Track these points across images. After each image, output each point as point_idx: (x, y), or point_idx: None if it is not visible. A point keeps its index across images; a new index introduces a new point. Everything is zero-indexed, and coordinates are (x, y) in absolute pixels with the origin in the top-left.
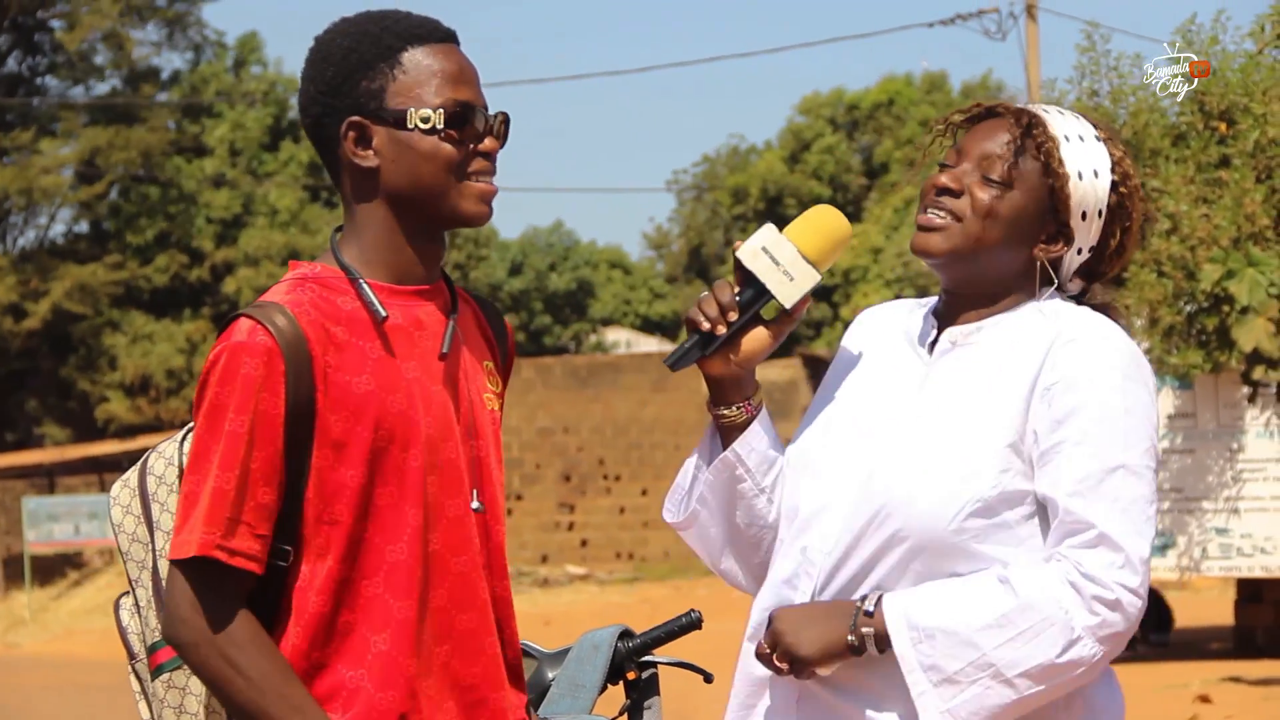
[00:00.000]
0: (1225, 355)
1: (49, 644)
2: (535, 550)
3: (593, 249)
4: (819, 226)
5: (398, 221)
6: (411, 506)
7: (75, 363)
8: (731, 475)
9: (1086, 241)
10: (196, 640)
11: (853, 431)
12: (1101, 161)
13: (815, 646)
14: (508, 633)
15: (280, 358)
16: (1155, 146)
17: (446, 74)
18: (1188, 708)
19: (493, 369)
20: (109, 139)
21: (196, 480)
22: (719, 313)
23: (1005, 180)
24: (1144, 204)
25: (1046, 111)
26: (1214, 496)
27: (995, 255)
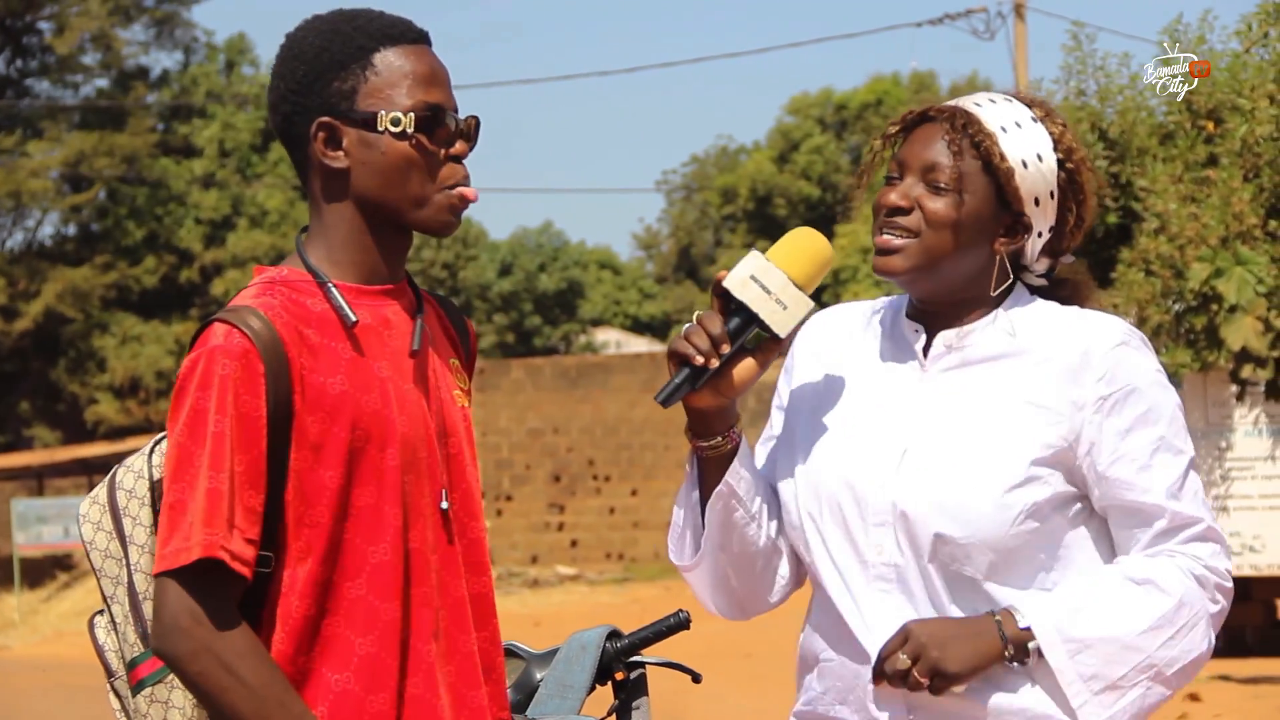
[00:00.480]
0: (1213, 354)
1: (38, 646)
2: (525, 551)
3: (582, 249)
4: (804, 250)
5: (365, 222)
6: (391, 506)
7: (65, 365)
8: (726, 506)
9: (1045, 224)
10: (195, 650)
11: (869, 443)
12: (1043, 143)
13: (966, 662)
14: (488, 631)
15: (259, 359)
16: (1143, 145)
17: (418, 76)
18: (1177, 706)
19: (459, 366)
20: (94, 144)
21: (182, 487)
22: (711, 345)
23: (952, 186)
24: (1093, 173)
25: (979, 105)
26: None
27: (958, 261)
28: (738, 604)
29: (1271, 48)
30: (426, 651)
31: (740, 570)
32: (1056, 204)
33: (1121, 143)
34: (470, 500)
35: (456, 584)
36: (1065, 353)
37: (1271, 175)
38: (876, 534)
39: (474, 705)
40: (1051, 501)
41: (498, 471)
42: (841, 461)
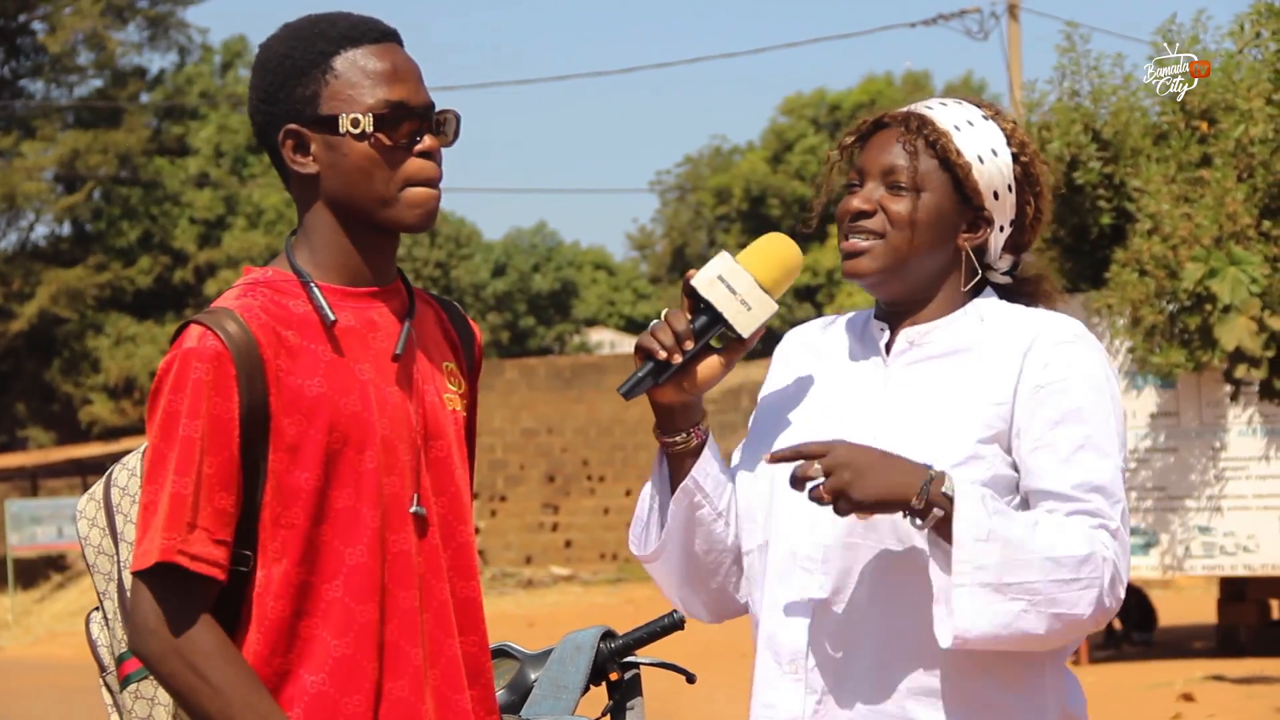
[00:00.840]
0: (1208, 354)
1: (32, 647)
2: (519, 551)
3: (576, 250)
4: (773, 255)
5: (342, 225)
6: (368, 508)
7: (59, 365)
8: (691, 502)
9: (1005, 218)
10: (163, 651)
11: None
12: (996, 139)
13: (872, 493)
14: (475, 635)
15: (231, 362)
16: (1136, 146)
17: (378, 75)
18: (1171, 706)
19: (454, 370)
20: (88, 143)
21: (154, 489)
22: (675, 341)
23: (912, 186)
24: (1046, 166)
25: (930, 108)
26: (1197, 495)
27: (923, 259)
28: (709, 604)
29: (1265, 48)
30: (409, 654)
31: (708, 569)
32: (1014, 197)
33: (1115, 143)
34: (458, 504)
35: (440, 587)
36: (1016, 342)
37: (1265, 175)
38: (813, 515)
39: (458, 709)
40: (993, 483)
41: (492, 472)
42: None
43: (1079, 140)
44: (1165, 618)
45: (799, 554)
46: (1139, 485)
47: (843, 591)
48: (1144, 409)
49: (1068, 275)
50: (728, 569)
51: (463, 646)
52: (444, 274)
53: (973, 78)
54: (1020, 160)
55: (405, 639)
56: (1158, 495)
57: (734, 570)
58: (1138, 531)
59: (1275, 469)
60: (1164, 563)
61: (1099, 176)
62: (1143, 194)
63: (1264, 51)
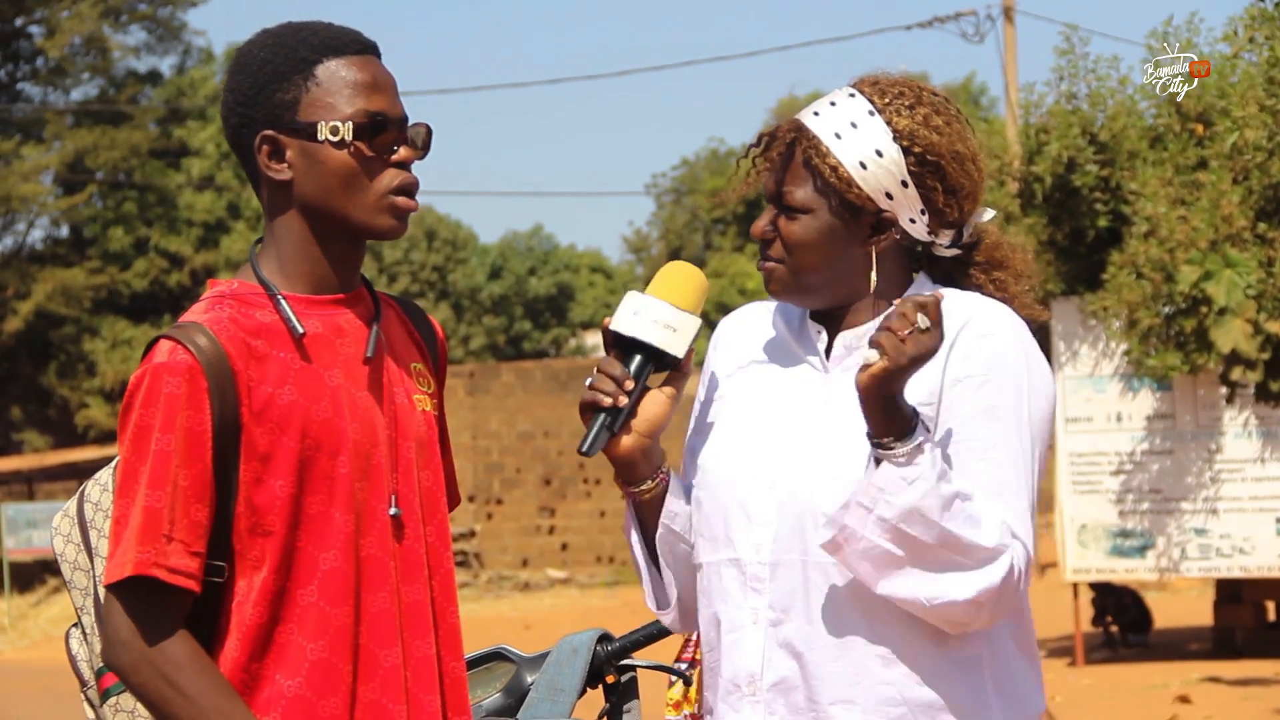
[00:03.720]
0: (1203, 357)
1: (28, 650)
2: (516, 554)
3: (572, 253)
4: (678, 279)
5: (313, 233)
6: (342, 513)
7: (55, 369)
8: (672, 548)
9: (911, 210)
10: (136, 663)
11: (764, 443)
12: (880, 139)
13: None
14: (447, 639)
15: (203, 375)
16: (1133, 149)
17: (359, 85)
18: (1167, 708)
19: (422, 370)
20: (94, 140)
21: (126, 503)
22: (615, 386)
23: (800, 207)
24: (947, 140)
25: (817, 114)
26: (1193, 497)
27: (832, 272)
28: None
29: (1258, 52)
30: (383, 657)
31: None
32: (915, 189)
33: (1112, 146)
34: (429, 505)
35: (414, 589)
36: (948, 332)
37: (1261, 178)
38: (758, 533)
39: (428, 710)
40: None
41: (488, 475)
42: (739, 465)
43: (1076, 143)
44: (1161, 620)
45: (747, 573)
46: (1135, 488)
47: (791, 610)
48: (1140, 412)
49: (1064, 278)
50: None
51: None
52: (440, 277)
53: (974, 81)
54: (913, 151)
55: (379, 642)
56: (1154, 498)
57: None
58: (1133, 534)
59: (1271, 471)
60: (1160, 565)
61: (1095, 179)
62: (1139, 197)
63: (1258, 55)
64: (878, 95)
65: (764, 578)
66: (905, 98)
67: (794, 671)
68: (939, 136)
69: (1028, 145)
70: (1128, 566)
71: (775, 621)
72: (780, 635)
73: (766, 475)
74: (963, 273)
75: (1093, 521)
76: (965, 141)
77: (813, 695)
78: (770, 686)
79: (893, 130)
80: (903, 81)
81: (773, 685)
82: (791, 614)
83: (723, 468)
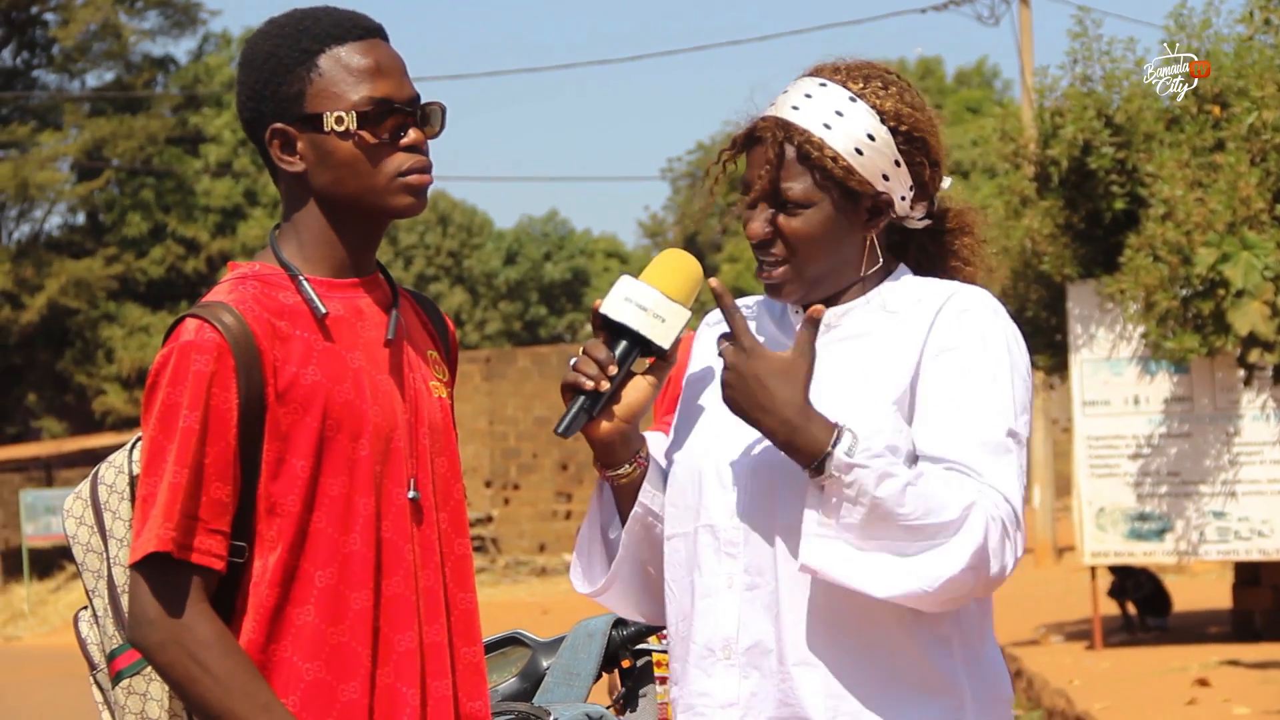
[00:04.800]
0: (1221, 339)
1: (48, 636)
2: (533, 539)
3: (588, 238)
4: (674, 267)
5: (329, 220)
6: (363, 496)
7: (72, 356)
8: (644, 525)
9: (903, 188)
10: (163, 641)
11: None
12: (869, 122)
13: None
14: (455, 618)
15: (230, 354)
16: (1149, 131)
17: (362, 72)
18: (1186, 691)
19: (437, 358)
20: (111, 128)
21: (153, 481)
22: (598, 369)
23: (800, 202)
24: (924, 114)
25: (797, 108)
26: (1211, 480)
27: (831, 262)
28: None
29: (1275, 33)
30: (399, 641)
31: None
32: (906, 167)
33: (1128, 129)
34: (443, 491)
35: (427, 574)
36: (922, 314)
37: (1278, 160)
38: (730, 497)
39: (438, 695)
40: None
41: (505, 460)
42: (711, 435)
43: (1092, 126)
44: (1180, 603)
45: (721, 538)
46: (1153, 471)
47: (765, 573)
48: (1157, 394)
49: (1081, 261)
50: None
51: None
52: (456, 263)
53: (987, 64)
54: (900, 131)
55: (395, 626)
56: (1172, 481)
57: None
58: (1152, 517)
59: None
60: (1178, 548)
61: (1112, 162)
62: (1156, 179)
63: (1275, 37)
64: (851, 81)
65: (738, 541)
66: (875, 80)
67: (769, 635)
68: (918, 112)
69: (1043, 128)
70: (1146, 550)
71: (751, 585)
72: (756, 599)
73: (741, 442)
74: (935, 241)
75: (1111, 505)
76: (932, 112)
77: (783, 657)
78: (745, 650)
79: (879, 112)
80: (863, 64)
81: (748, 649)
82: (765, 577)
83: (697, 439)
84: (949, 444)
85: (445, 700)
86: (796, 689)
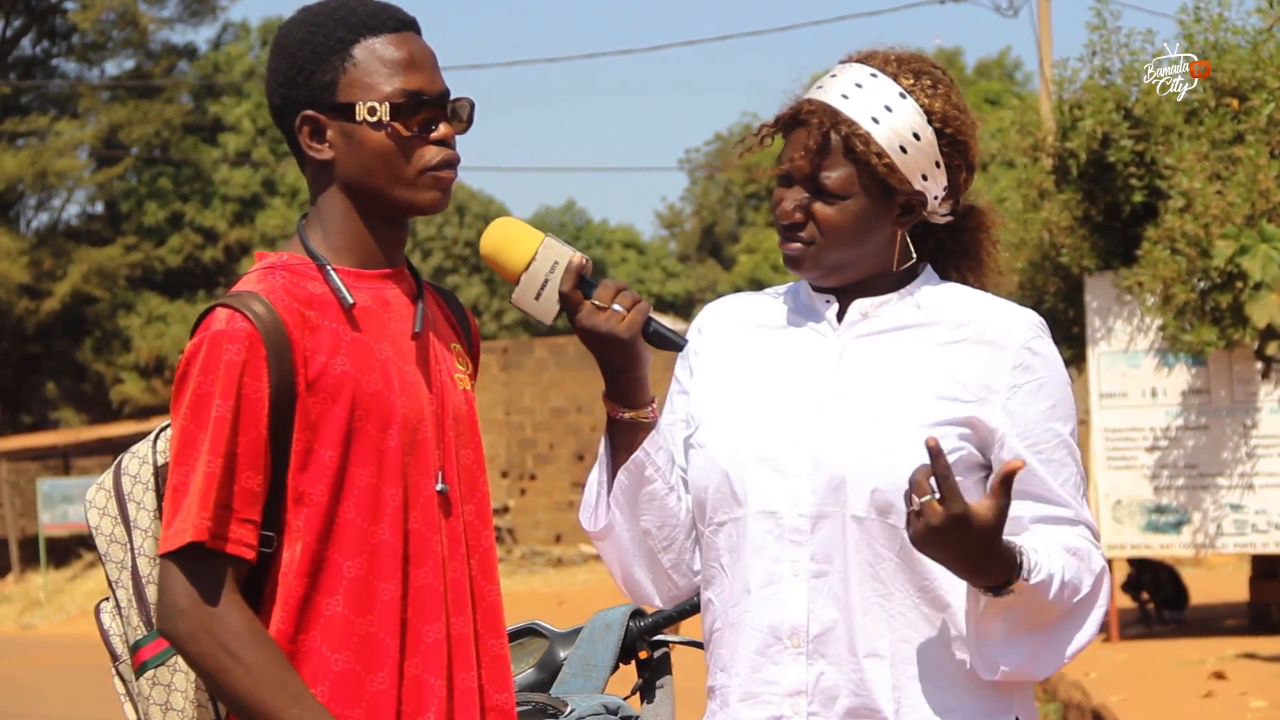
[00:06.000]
0: (1239, 332)
1: (64, 625)
2: (549, 530)
3: (605, 228)
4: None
5: (357, 209)
6: (391, 487)
7: (90, 345)
8: (641, 477)
9: (939, 188)
10: (194, 631)
11: (780, 401)
12: (916, 121)
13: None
14: (487, 614)
15: (261, 343)
16: (1168, 123)
17: (396, 64)
18: (1203, 684)
19: (461, 351)
20: (128, 115)
21: (185, 470)
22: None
23: (837, 191)
24: (968, 117)
25: (846, 97)
26: (1228, 473)
27: (858, 252)
28: (661, 584)
29: None
30: (426, 632)
31: (661, 544)
32: (945, 170)
33: (1147, 121)
34: (468, 483)
35: (456, 566)
36: (980, 333)
37: None
38: (793, 485)
39: (465, 687)
40: (964, 463)
41: (521, 450)
42: (758, 421)
43: (1111, 118)
44: (1197, 596)
45: (785, 525)
46: (1170, 464)
47: (833, 560)
48: (1175, 387)
49: (1099, 253)
50: (681, 544)
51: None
52: (473, 252)
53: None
54: (945, 133)
55: (423, 618)
56: (1189, 473)
57: (687, 546)
58: (1169, 510)
59: None
60: (1195, 541)
61: (1130, 154)
62: (1175, 171)
63: None
64: (902, 76)
65: (805, 530)
66: (926, 77)
67: (838, 623)
68: (963, 115)
69: (1062, 121)
70: (1163, 542)
71: (819, 574)
72: (823, 587)
73: (790, 431)
74: (954, 238)
75: (1128, 497)
76: (974, 114)
77: (853, 646)
78: (815, 637)
79: (927, 112)
80: (914, 57)
81: (817, 636)
82: (834, 565)
83: (738, 427)
84: (1049, 489)
85: (471, 692)
86: (867, 679)
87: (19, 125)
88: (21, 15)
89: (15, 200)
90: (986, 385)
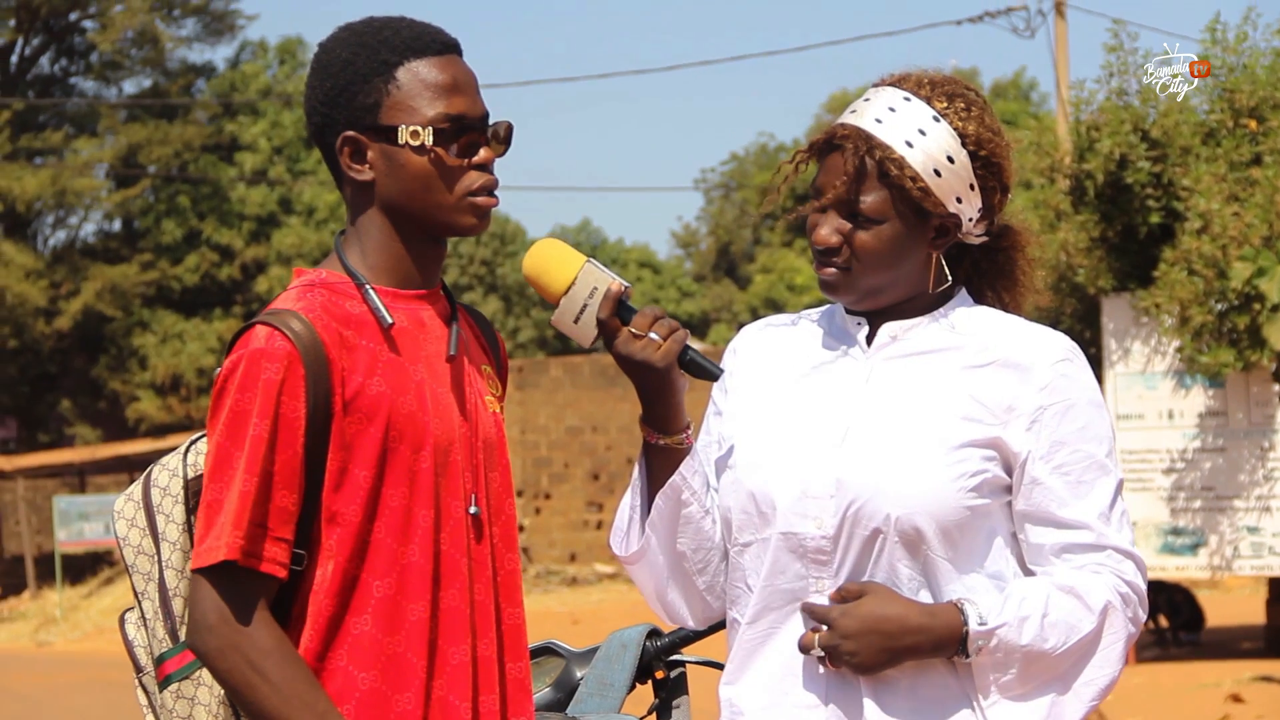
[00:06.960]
0: (1256, 353)
1: (79, 642)
2: (564, 549)
3: (621, 248)
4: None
5: (396, 230)
6: (423, 508)
7: (106, 363)
8: (678, 500)
9: (973, 211)
10: (222, 648)
11: (807, 423)
12: (950, 144)
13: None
14: (505, 633)
15: (300, 362)
16: (1186, 145)
17: (439, 88)
18: (1219, 707)
19: (491, 373)
20: (148, 135)
21: (220, 488)
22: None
23: (873, 217)
24: (1003, 140)
25: (880, 121)
26: (1245, 495)
27: (893, 275)
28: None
29: None
30: (453, 654)
31: (696, 567)
32: (980, 192)
33: (1164, 142)
34: (496, 506)
35: (481, 588)
36: (1008, 356)
37: None
38: (815, 507)
39: (488, 709)
40: (988, 485)
41: (536, 469)
42: (785, 443)
43: (1128, 140)
44: (1213, 618)
45: (808, 546)
46: (1187, 486)
47: (858, 579)
48: (1192, 409)
49: (1116, 274)
50: (716, 566)
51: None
52: (489, 271)
53: (1024, 76)
54: (979, 156)
55: (450, 639)
56: (1206, 495)
57: (721, 568)
58: (1185, 532)
59: None
60: (1212, 563)
61: (1148, 176)
62: (1192, 193)
63: None
64: (936, 99)
65: (829, 550)
66: (959, 99)
67: None
68: (998, 137)
69: (1079, 142)
70: (1179, 564)
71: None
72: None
73: (816, 453)
74: (989, 259)
75: (1144, 519)
76: (1008, 136)
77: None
78: None
79: (960, 135)
80: (947, 80)
81: None
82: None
83: (765, 448)
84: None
85: (494, 715)
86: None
87: (34, 142)
88: (40, 34)
89: (33, 218)
90: (1011, 407)
